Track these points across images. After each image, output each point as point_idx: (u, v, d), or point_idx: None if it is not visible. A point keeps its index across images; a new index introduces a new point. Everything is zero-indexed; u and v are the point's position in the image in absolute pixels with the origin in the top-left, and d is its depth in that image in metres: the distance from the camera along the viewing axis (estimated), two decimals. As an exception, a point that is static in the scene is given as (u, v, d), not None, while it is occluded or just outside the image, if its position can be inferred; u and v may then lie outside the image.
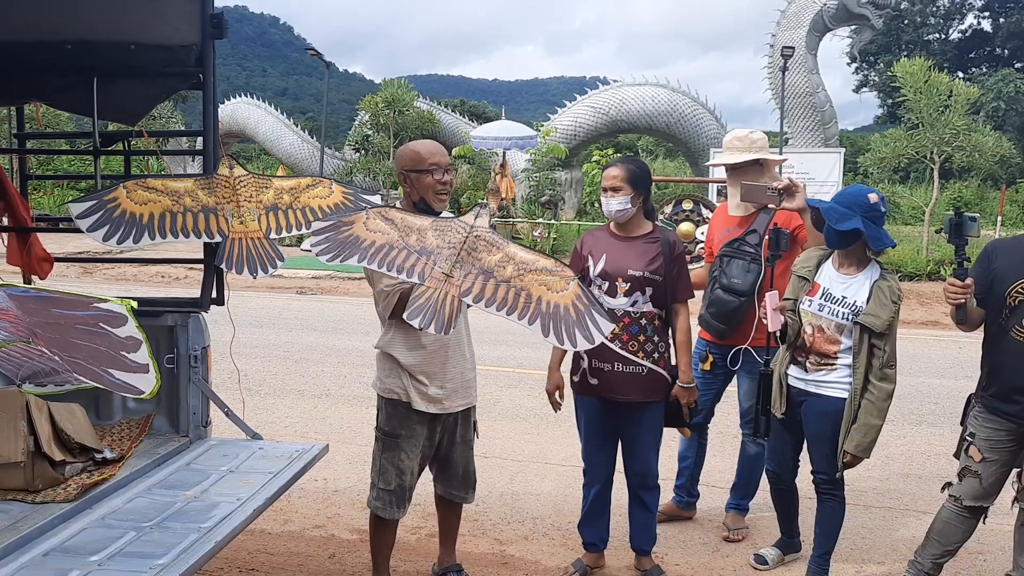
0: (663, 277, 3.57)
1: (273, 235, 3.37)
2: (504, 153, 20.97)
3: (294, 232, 3.44)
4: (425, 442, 3.40)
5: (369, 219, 2.93)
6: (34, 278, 3.94)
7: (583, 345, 2.82)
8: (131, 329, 2.06)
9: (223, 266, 3.34)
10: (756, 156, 4.19)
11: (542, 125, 23.32)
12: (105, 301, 1.97)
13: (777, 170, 4.35)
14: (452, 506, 3.68)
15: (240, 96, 29.42)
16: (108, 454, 3.16)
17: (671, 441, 4.15)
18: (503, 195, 20.33)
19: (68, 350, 2.02)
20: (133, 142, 4.19)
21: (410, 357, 3.29)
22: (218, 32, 3.51)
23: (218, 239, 3.32)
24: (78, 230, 3.31)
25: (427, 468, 3.56)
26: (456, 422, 3.48)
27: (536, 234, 18.93)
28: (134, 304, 2.00)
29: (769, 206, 4.01)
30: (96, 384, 2.13)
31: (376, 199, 3.56)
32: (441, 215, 3.34)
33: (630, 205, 3.59)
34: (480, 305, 2.80)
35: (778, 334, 3.64)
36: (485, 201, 3.03)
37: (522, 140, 20.83)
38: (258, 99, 29.37)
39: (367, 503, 3.49)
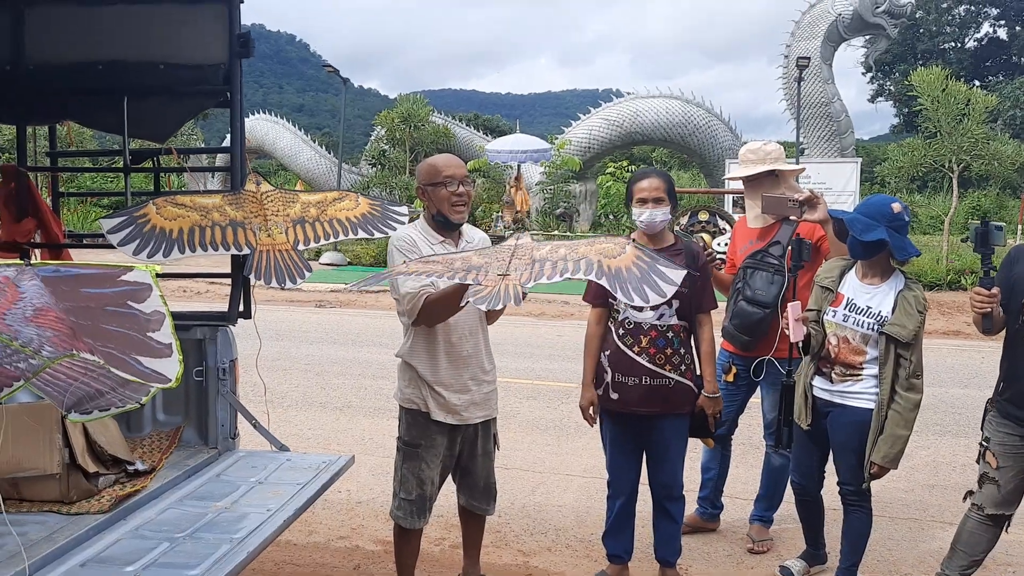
0: (689, 289, 3.58)
1: (301, 246, 3.42)
2: (519, 166, 21.07)
3: (322, 243, 3.48)
4: (445, 452, 3.43)
5: (410, 266, 2.96)
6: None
7: (655, 299, 2.75)
8: (156, 301, 2.07)
9: (252, 276, 3.38)
10: (770, 167, 4.21)
11: (556, 138, 23.41)
12: (130, 270, 2.00)
13: (795, 180, 4.37)
14: (475, 517, 3.70)
15: (258, 113, 29.70)
16: (140, 466, 3.21)
17: (693, 452, 4.16)
18: (518, 208, 20.41)
19: (100, 338, 2.04)
20: (161, 159, 4.25)
21: (430, 367, 3.33)
22: (245, 51, 3.57)
23: (246, 251, 3.37)
24: (109, 245, 3.37)
25: (450, 479, 3.59)
26: (476, 434, 3.50)
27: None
28: (158, 269, 2.03)
29: (791, 218, 4.02)
30: (129, 377, 2.16)
31: (403, 210, 3.60)
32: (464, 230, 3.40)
33: (669, 216, 3.62)
34: (543, 280, 2.74)
35: (801, 345, 3.65)
36: (525, 230, 3.08)
37: (536, 153, 20.95)
38: (276, 116, 29.64)
39: (389, 514, 3.52)
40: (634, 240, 2.93)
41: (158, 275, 2.39)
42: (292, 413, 6.88)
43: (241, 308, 3.70)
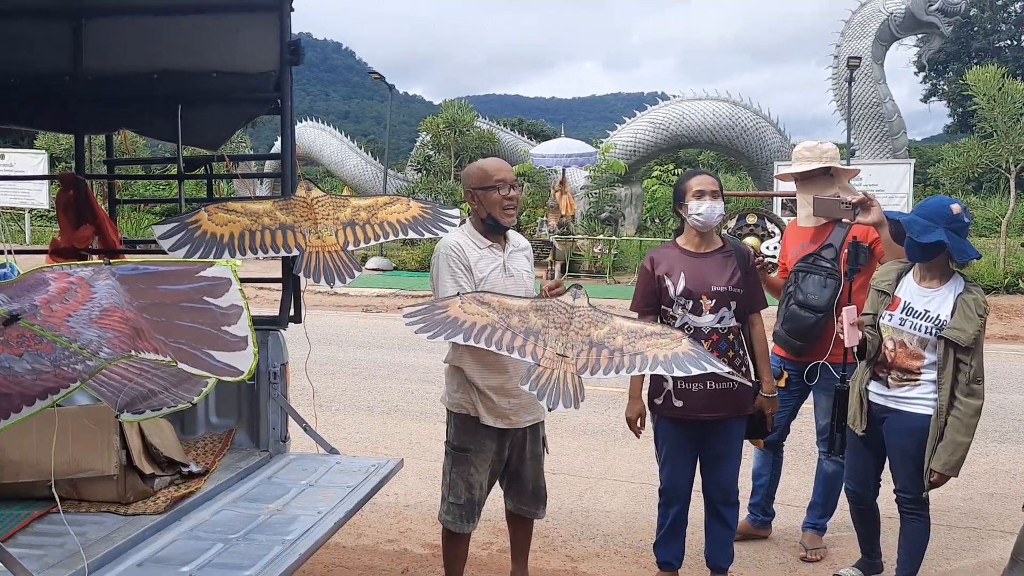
0: (744, 290, 3.54)
1: (351, 247, 3.44)
2: (563, 170, 21.02)
3: (371, 243, 3.52)
4: (494, 457, 3.43)
5: (464, 303, 2.99)
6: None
7: (710, 368, 3.02)
8: (234, 295, 2.11)
9: (301, 274, 3.41)
10: (826, 165, 4.13)
11: (601, 142, 23.32)
12: (211, 266, 2.04)
13: (849, 182, 4.28)
14: (523, 522, 3.69)
15: (305, 120, 30.10)
16: (194, 468, 3.26)
17: (744, 458, 4.10)
18: (563, 212, 20.36)
19: (172, 334, 2.08)
20: (213, 166, 4.33)
21: (478, 371, 3.33)
22: (295, 59, 3.61)
23: (296, 253, 3.40)
24: (162, 252, 3.44)
25: (497, 483, 3.58)
26: (525, 437, 3.49)
27: (596, 251, 18.90)
28: (239, 264, 2.07)
29: (843, 220, 3.94)
30: (197, 372, 2.19)
31: (455, 213, 3.61)
32: (528, 296, 3.41)
33: (723, 212, 3.58)
34: (599, 375, 2.93)
35: (856, 350, 3.58)
36: (580, 285, 3.15)
37: (581, 157, 20.86)
38: (322, 122, 30.00)
39: (438, 517, 3.53)
40: (688, 337, 3.13)
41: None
42: (340, 416, 6.94)
43: (291, 312, 3.74)
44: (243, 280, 4.47)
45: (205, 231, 3.44)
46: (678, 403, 3.58)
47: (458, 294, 3.03)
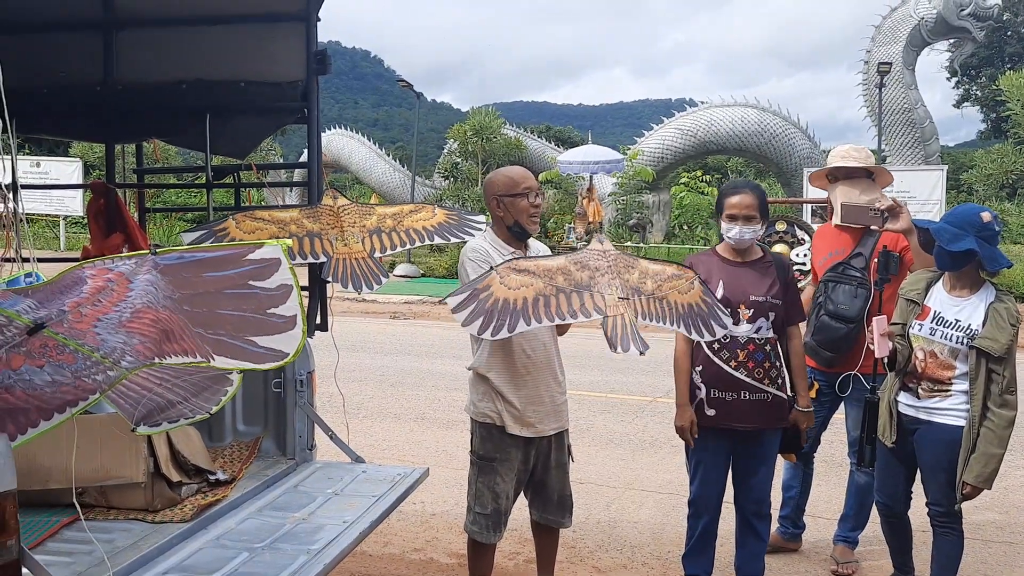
0: (783, 301, 3.51)
1: (377, 254, 3.45)
2: (591, 177, 20.97)
3: (398, 250, 3.54)
4: (520, 466, 3.42)
5: (503, 276, 2.85)
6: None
7: (719, 332, 3.13)
8: (283, 275, 2.09)
9: (329, 279, 3.42)
10: (870, 167, 4.05)
11: (628, 148, 23.26)
12: (260, 247, 2.03)
13: (883, 190, 4.21)
14: (549, 532, 3.67)
15: (334, 128, 30.32)
16: (221, 475, 3.28)
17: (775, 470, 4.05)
18: (590, 219, 20.31)
19: (213, 325, 2.08)
20: (241, 175, 4.36)
21: (504, 379, 3.32)
22: (322, 68, 3.64)
23: (323, 259, 3.42)
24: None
25: (522, 493, 3.56)
26: (550, 446, 3.47)
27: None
28: (289, 243, 2.05)
29: (872, 227, 3.89)
30: (236, 364, 2.19)
31: (480, 219, 3.61)
32: (531, 245, 3.41)
33: (760, 233, 3.55)
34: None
35: (886, 360, 3.52)
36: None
37: (609, 164, 20.80)
38: (351, 130, 30.21)
39: (464, 527, 3.52)
40: (699, 277, 3.19)
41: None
42: (367, 424, 6.95)
43: (318, 321, 3.75)
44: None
45: (233, 238, 3.46)
46: (710, 412, 3.55)
47: (491, 268, 2.92)
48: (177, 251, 2.05)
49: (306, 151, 3.93)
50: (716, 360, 3.51)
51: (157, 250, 2.05)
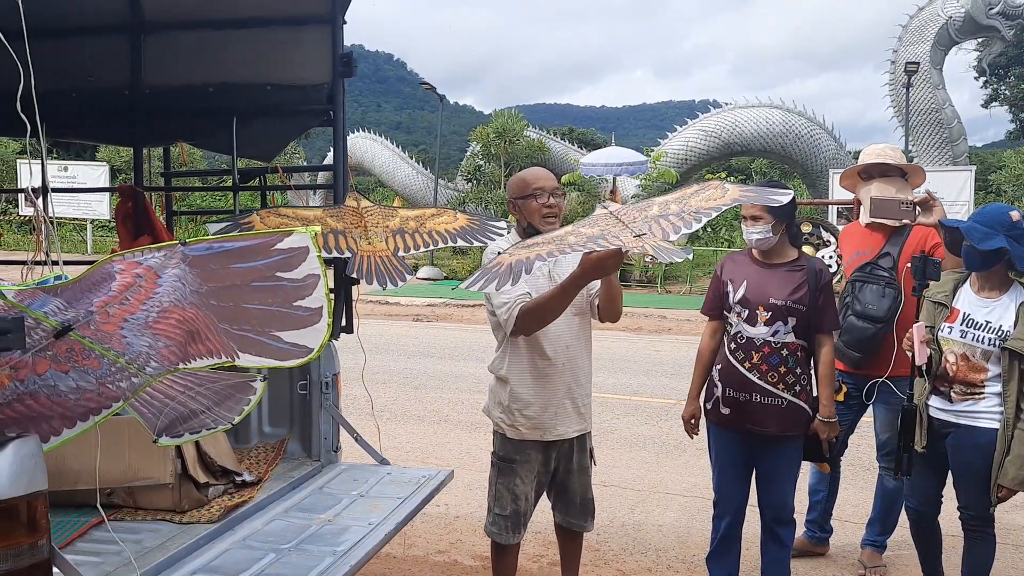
0: (807, 307, 3.45)
1: (401, 253, 3.44)
2: (614, 179, 20.91)
3: (421, 250, 3.52)
4: (540, 468, 3.39)
5: (512, 253, 2.72)
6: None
7: (775, 201, 2.86)
8: (312, 264, 2.05)
9: (353, 274, 3.41)
10: (904, 165, 3.98)
11: (652, 150, 23.18)
12: (289, 235, 2.00)
13: (915, 191, 4.14)
14: (572, 535, 3.64)
15: (357, 131, 30.47)
16: (247, 477, 3.29)
17: (801, 473, 4.00)
18: (614, 221, 20.24)
19: (238, 320, 2.05)
20: (267, 178, 4.38)
21: (520, 381, 3.29)
22: (347, 70, 3.64)
23: (347, 255, 3.41)
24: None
25: (545, 496, 3.55)
26: (572, 449, 3.44)
27: (647, 259, 18.75)
28: (318, 230, 2.02)
29: (903, 222, 3.80)
30: (262, 362, 2.17)
31: (502, 224, 3.59)
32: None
33: (771, 234, 3.47)
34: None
35: (924, 368, 3.46)
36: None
37: (632, 166, 20.71)
38: (374, 133, 30.34)
39: (484, 529, 3.51)
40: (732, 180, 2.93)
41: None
42: (391, 426, 6.96)
43: (343, 323, 3.76)
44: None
45: (251, 224, 3.47)
46: (725, 411, 3.54)
47: (499, 252, 2.82)
48: (206, 241, 2.03)
49: (331, 153, 3.94)
50: (732, 360, 3.50)
51: (187, 240, 2.03)
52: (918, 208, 3.66)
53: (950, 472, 3.52)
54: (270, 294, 2.06)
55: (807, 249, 7.70)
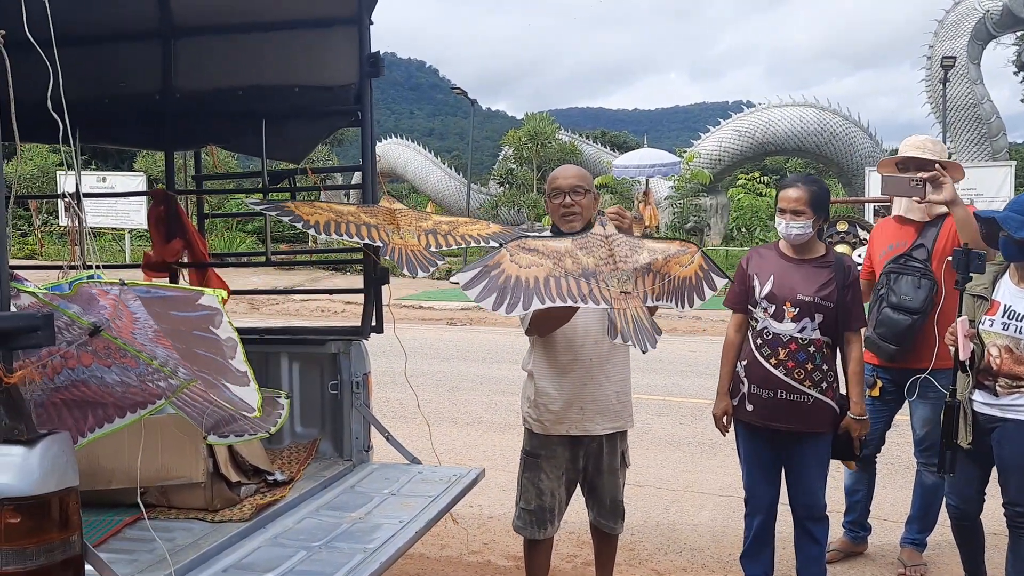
0: (835, 304, 3.38)
1: (433, 249, 3.44)
2: (647, 180, 20.82)
3: (453, 247, 3.52)
4: (567, 464, 3.38)
5: (513, 254, 2.76)
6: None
7: (696, 303, 2.89)
8: (227, 328, 2.04)
9: (386, 257, 3.40)
10: (941, 160, 3.90)
11: (685, 151, 23.05)
12: (202, 295, 1.98)
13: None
14: (605, 535, 3.62)
15: (391, 137, 30.68)
16: (279, 476, 3.30)
17: (837, 472, 3.94)
18: (647, 223, 20.14)
19: (195, 363, 2.06)
20: (297, 179, 4.41)
21: (545, 375, 3.31)
22: (375, 71, 3.65)
23: (379, 244, 3.41)
24: (249, 265, 3.52)
25: (580, 493, 3.53)
26: (601, 448, 3.41)
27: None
28: (224, 295, 1.98)
29: (914, 199, 3.75)
30: (220, 403, 2.16)
31: (535, 235, 3.53)
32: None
33: (810, 229, 3.41)
34: (650, 303, 2.78)
35: (968, 363, 3.38)
36: (602, 211, 3.07)
37: (665, 167, 20.61)
38: (407, 140, 30.53)
39: (511, 523, 3.50)
40: (702, 251, 3.00)
41: (294, 291, 2.42)
42: (424, 428, 6.95)
43: (373, 323, 3.77)
44: (326, 292, 4.55)
45: (292, 210, 3.48)
46: (749, 407, 3.49)
47: (501, 245, 2.81)
48: (143, 285, 2.01)
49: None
50: (757, 356, 3.44)
51: (125, 282, 2.01)
52: (928, 185, 3.60)
53: (994, 468, 3.44)
54: (210, 345, 2.03)
55: (843, 248, 7.58)
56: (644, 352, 2.67)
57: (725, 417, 3.60)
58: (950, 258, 3.63)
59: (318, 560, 2.68)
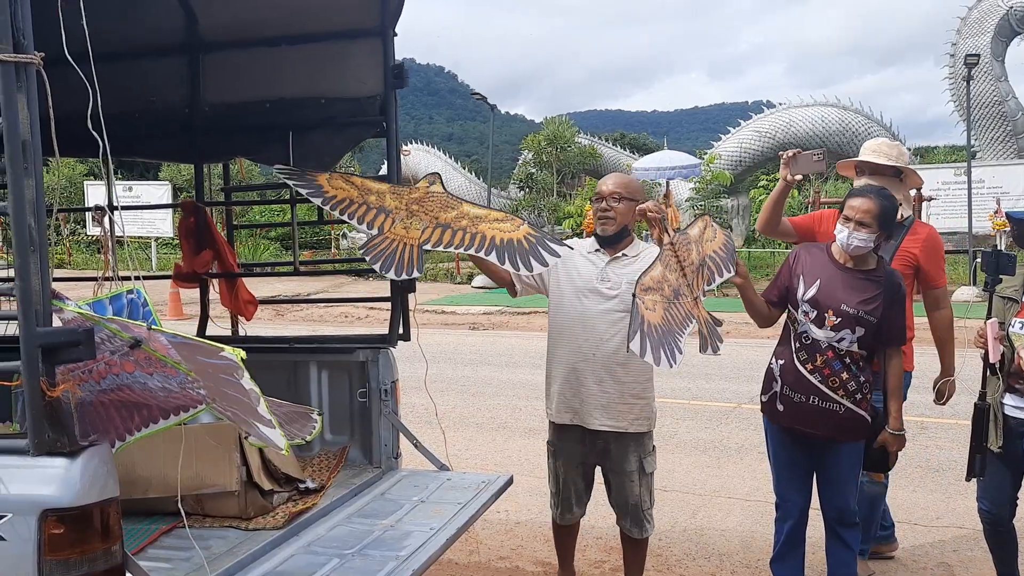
0: (878, 320, 3.30)
1: (429, 247, 3.42)
2: (667, 183, 20.77)
3: (451, 250, 3.53)
4: (581, 458, 3.59)
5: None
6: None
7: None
8: (249, 381, 2.09)
9: (365, 256, 3.42)
10: (900, 166, 3.88)
11: (705, 153, 22.97)
12: (223, 349, 2.02)
13: (912, 192, 4.02)
14: (630, 540, 3.65)
15: (410, 143, 30.82)
16: (310, 484, 3.34)
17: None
18: (670, 225, 20.10)
19: (225, 400, 2.11)
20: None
21: (551, 365, 3.59)
22: (399, 82, 3.69)
23: (374, 232, 3.43)
24: (278, 274, 3.56)
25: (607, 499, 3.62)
26: (608, 447, 3.50)
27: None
28: (243, 355, 2.01)
29: (817, 174, 3.81)
30: (257, 441, 2.22)
31: (559, 250, 3.40)
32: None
33: (872, 243, 3.32)
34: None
35: (997, 365, 3.35)
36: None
37: (685, 169, 20.55)
38: (426, 145, 30.67)
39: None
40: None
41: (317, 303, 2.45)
42: (449, 433, 6.94)
43: (401, 331, 3.80)
44: (354, 300, 4.57)
45: (318, 184, 3.55)
46: (780, 407, 3.45)
47: (633, 296, 2.93)
48: (171, 332, 2.05)
49: (385, 164, 3.99)
50: (795, 359, 3.39)
51: (152, 326, 2.05)
52: (826, 156, 3.71)
53: (1025, 472, 3.41)
54: (238, 388, 2.07)
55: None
56: (717, 354, 3.00)
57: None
58: (979, 259, 3.60)
59: (351, 568, 2.71)
